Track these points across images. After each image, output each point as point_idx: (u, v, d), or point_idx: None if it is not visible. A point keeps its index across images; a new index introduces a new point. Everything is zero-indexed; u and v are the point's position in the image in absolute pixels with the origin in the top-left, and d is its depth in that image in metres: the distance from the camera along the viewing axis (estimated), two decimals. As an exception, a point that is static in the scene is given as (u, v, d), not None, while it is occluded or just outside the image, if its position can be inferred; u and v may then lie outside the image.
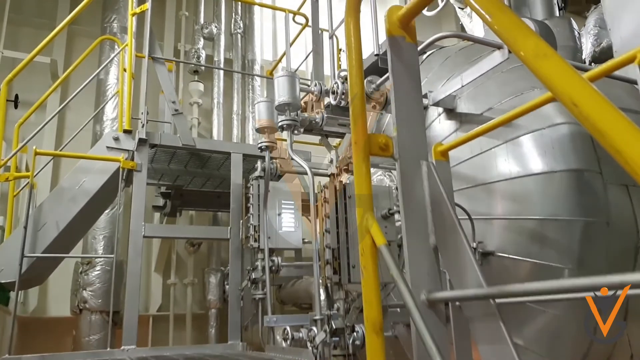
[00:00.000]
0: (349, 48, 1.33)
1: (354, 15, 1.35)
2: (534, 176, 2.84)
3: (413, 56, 1.46)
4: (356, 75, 1.29)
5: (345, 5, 1.34)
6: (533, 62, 0.72)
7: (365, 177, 1.24)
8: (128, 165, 4.26)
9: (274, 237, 4.25)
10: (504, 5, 0.87)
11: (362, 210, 1.23)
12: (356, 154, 1.25)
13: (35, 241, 4.06)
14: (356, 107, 1.29)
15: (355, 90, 1.28)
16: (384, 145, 1.32)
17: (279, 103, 3.54)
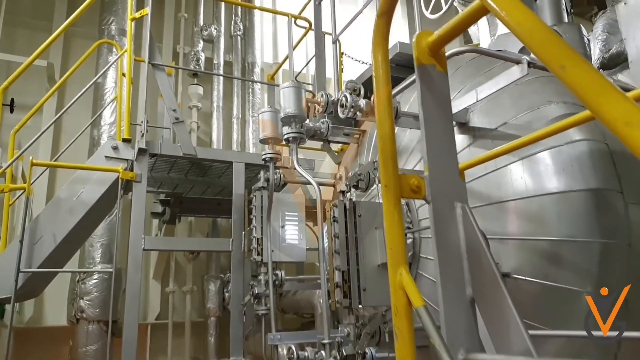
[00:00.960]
0: (377, 81, 1.22)
1: (383, 45, 1.23)
2: (552, 195, 2.74)
3: (444, 86, 1.35)
4: (385, 113, 1.17)
5: (373, 34, 1.23)
6: (622, 129, 0.61)
7: (398, 225, 1.13)
8: (127, 176, 4.13)
9: (277, 249, 4.14)
10: (579, 56, 0.76)
11: (395, 263, 1.12)
12: (387, 198, 1.13)
13: (31, 255, 3.93)
14: (386, 146, 1.17)
15: (384, 128, 1.17)
16: (416, 188, 1.20)
17: (285, 115, 3.42)
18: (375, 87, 1.22)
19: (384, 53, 1.24)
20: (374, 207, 2.88)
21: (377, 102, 1.22)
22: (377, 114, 1.21)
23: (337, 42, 5.47)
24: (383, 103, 1.20)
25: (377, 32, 1.23)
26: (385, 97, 1.20)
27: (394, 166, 1.17)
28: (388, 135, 1.18)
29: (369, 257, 2.75)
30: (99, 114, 5.85)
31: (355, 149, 4.30)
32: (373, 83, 1.25)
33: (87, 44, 7.22)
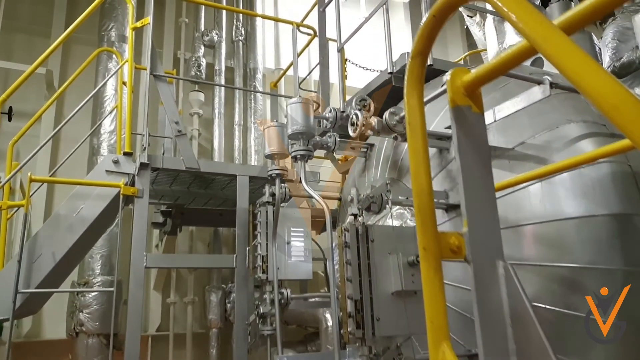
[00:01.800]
0: (412, 130, 1.10)
1: (418, 89, 1.12)
2: (572, 220, 2.63)
3: (481, 130, 1.24)
4: (421, 166, 1.06)
5: (407, 77, 1.11)
6: None
7: (439, 294, 1.01)
8: (129, 191, 4.02)
9: (282, 267, 4.02)
10: None
11: (437, 339, 1.00)
12: (426, 263, 1.02)
13: (29, 274, 3.81)
14: (423, 204, 1.06)
15: (421, 183, 1.06)
16: (457, 248, 1.09)
17: (293, 132, 3.31)
18: (410, 136, 1.11)
19: (419, 98, 1.12)
20: (387, 231, 2.77)
21: (412, 154, 1.10)
22: (413, 167, 1.10)
23: (342, 51, 5.36)
24: (419, 155, 1.08)
25: (411, 75, 1.12)
26: (421, 148, 1.09)
27: (433, 226, 1.06)
28: (426, 191, 1.07)
29: (383, 285, 2.64)
30: (98, 124, 5.72)
31: (362, 163, 4.18)
32: (406, 130, 1.14)
33: (86, 50, 7.11)
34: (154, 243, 6.93)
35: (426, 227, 1.04)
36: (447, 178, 3.11)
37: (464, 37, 10.89)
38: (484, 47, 7.51)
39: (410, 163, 1.11)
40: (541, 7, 5.34)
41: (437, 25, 1.07)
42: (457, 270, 2.93)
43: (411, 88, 1.11)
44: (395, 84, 4.45)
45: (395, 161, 3.64)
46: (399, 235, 2.78)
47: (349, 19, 6.34)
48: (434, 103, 3.64)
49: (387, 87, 4.72)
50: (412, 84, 1.12)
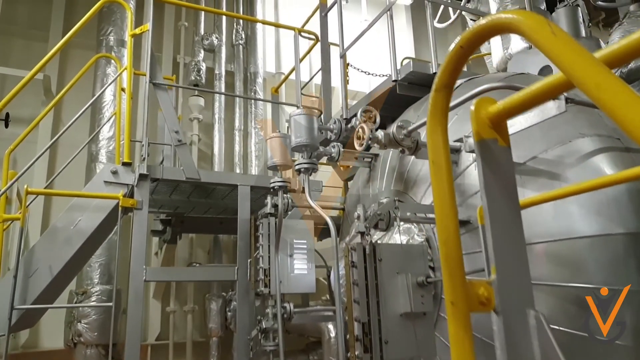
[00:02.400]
0: (436, 170, 1.01)
1: (442, 124, 1.03)
2: (587, 239, 2.54)
3: (509, 164, 1.15)
4: (448, 212, 0.97)
5: (430, 111, 1.02)
6: None
7: (469, 356, 0.92)
8: (128, 203, 3.92)
9: (285, 281, 3.93)
10: None
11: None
12: (455, 319, 0.93)
13: (26, 288, 3.72)
14: (451, 254, 0.97)
15: (448, 232, 0.96)
16: (486, 300, 1.00)
17: (297, 144, 3.22)
18: (435, 177, 1.02)
19: (444, 133, 1.03)
20: (396, 249, 2.68)
21: (437, 196, 1.01)
22: (438, 211, 1.00)
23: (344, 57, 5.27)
24: (445, 199, 0.99)
25: (435, 109, 1.02)
26: (447, 191, 1.00)
27: (461, 277, 0.96)
28: (453, 239, 0.97)
29: (391, 306, 2.55)
30: (97, 132, 5.63)
31: (367, 173, 4.09)
32: (430, 170, 1.05)
33: (85, 55, 7.02)
34: (154, 250, 6.84)
35: (454, 279, 0.95)
36: (456, 192, 3.02)
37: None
38: (487, 51, 7.43)
39: (435, 206, 1.02)
40: (547, 12, 5.26)
41: (464, 57, 0.98)
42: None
43: (435, 123, 1.02)
44: (400, 92, 4.36)
45: (401, 173, 3.55)
46: (408, 254, 2.69)
47: (350, 21, 6.25)
48: (440, 113, 3.56)
49: (384, 93, 4.65)
50: (435, 119, 1.02)
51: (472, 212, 2.89)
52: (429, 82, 4.29)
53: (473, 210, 2.89)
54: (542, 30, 0.79)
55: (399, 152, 3.54)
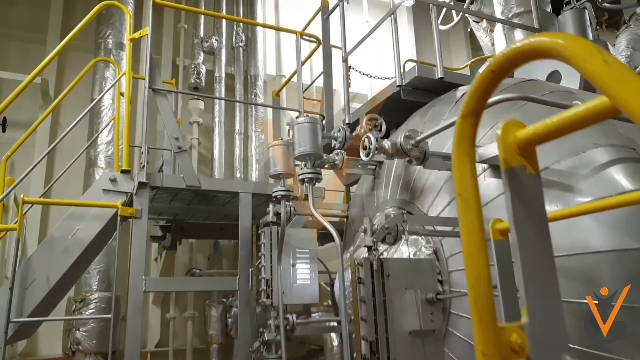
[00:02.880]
0: (464, 205, 0.92)
1: (469, 155, 0.94)
2: (602, 254, 2.45)
3: (538, 194, 1.06)
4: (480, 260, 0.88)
5: (456, 140, 0.93)
6: None
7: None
8: (127, 212, 3.83)
9: (288, 291, 3.84)
10: None
11: None
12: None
13: (22, 300, 3.62)
14: (481, 299, 0.88)
15: (477, 275, 0.88)
16: (519, 348, 0.91)
17: (300, 153, 3.13)
18: (463, 213, 0.93)
19: (472, 165, 0.94)
20: (404, 264, 2.59)
21: (465, 235, 0.92)
22: (466, 252, 0.91)
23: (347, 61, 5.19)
24: (474, 238, 0.90)
25: (462, 138, 0.93)
26: (477, 230, 0.91)
27: (493, 325, 0.88)
28: (483, 282, 0.89)
29: (399, 323, 2.46)
30: (95, 137, 5.54)
31: (371, 181, 4.01)
32: (457, 204, 0.96)
33: (83, 58, 6.92)
34: (153, 256, 6.75)
35: (485, 327, 0.86)
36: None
37: (467, 40, 10.68)
38: (491, 53, 7.33)
39: (463, 245, 0.93)
40: (553, 15, 5.17)
41: (495, 82, 0.89)
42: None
43: (461, 154, 0.93)
44: (405, 97, 4.27)
45: (407, 182, 3.46)
46: (416, 269, 2.61)
47: (351, 23, 6.12)
48: (447, 119, 3.46)
49: (387, 98, 4.58)
50: (462, 149, 0.93)
51: (482, 224, 2.80)
52: (434, 87, 4.23)
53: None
54: (593, 58, 0.70)
55: (404, 161, 3.46)
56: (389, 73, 8.09)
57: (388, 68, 8.56)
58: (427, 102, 4.21)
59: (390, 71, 8.17)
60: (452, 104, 3.52)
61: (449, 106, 3.52)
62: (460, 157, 0.95)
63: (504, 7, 5.39)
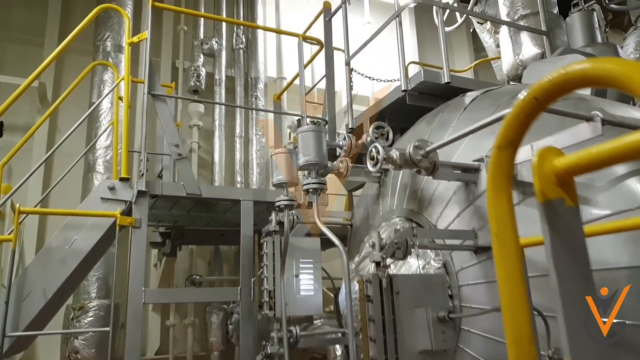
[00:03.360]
0: (500, 244, 0.82)
1: (506, 190, 0.84)
2: (620, 270, 2.35)
3: (578, 228, 0.96)
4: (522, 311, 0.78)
5: (492, 172, 0.83)
6: None
7: None
8: (125, 222, 3.72)
9: (291, 302, 3.73)
10: None
11: None
12: None
13: (18, 313, 3.52)
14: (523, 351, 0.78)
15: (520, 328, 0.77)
16: (564, 410, 0.81)
17: (305, 163, 3.02)
18: (499, 254, 0.83)
19: (509, 201, 0.84)
20: (414, 281, 2.49)
21: (503, 283, 0.82)
22: (505, 300, 0.81)
23: (349, 65, 5.08)
24: (515, 286, 0.80)
25: (499, 171, 0.83)
26: (518, 276, 0.81)
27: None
28: (526, 340, 0.78)
29: (410, 343, 2.36)
30: (93, 142, 5.44)
31: (376, 189, 3.90)
32: (493, 246, 0.85)
33: (81, 60, 6.82)
34: (153, 262, 6.64)
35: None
36: (476, 215, 2.83)
37: (470, 40, 10.57)
38: (495, 54, 7.22)
39: (501, 295, 0.83)
40: (560, 17, 5.07)
41: (537, 110, 0.79)
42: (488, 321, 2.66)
43: (498, 189, 0.83)
44: (410, 102, 4.17)
45: (414, 191, 3.35)
46: (427, 285, 2.51)
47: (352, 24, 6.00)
48: (456, 126, 3.36)
49: (384, 106, 4.50)
50: (499, 183, 0.83)
51: (494, 237, 2.70)
52: (440, 92, 4.12)
53: (494, 235, 2.70)
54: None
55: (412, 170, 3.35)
56: (391, 74, 7.99)
57: (389, 69, 8.47)
58: (432, 107, 4.11)
59: (391, 73, 8.09)
60: (460, 110, 3.41)
61: (457, 113, 3.41)
62: (496, 193, 0.85)
63: (510, 8, 5.28)
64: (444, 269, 2.85)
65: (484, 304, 2.70)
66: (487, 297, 2.69)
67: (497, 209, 0.83)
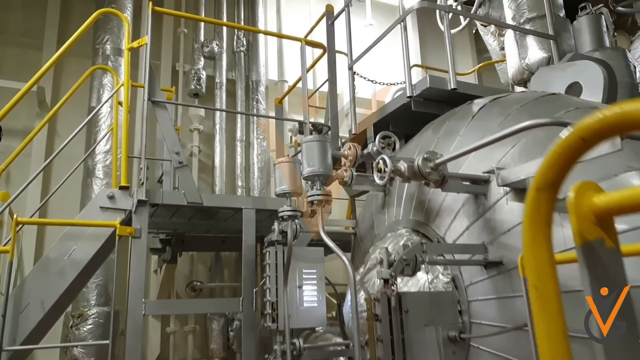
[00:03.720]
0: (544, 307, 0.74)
1: (546, 236, 0.76)
2: (639, 287, 2.26)
3: (619, 270, 0.88)
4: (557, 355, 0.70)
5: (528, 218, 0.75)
6: None
7: None
8: (125, 232, 3.64)
9: (294, 314, 3.65)
10: None
11: None
12: None
13: (16, 326, 3.43)
14: None
15: None
16: None
17: (309, 174, 2.94)
18: (539, 310, 0.74)
19: (549, 249, 0.76)
20: (423, 298, 2.41)
21: (541, 340, 0.74)
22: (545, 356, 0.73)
23: (352, 69, 5.00)
24: (556, 346, 0.72)
25: (537, 216, 0.75)
26: (560, 335, 0.72)
27: None
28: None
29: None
30: (93, 148, 5.35)
31: (381, 198, 3.82)
32: (531, 298, 0.77)
33: (80, 63, 6.74)
34: (153, 268, 6.56)
35: None
36: (485, 228, 2.75)
37: (472, 42, 10.48)
38: (499, 57, 7.14)
39: (540, 350, 0.75)
40: (567, 20, 4.98)
41: (583, 151, 0.71)
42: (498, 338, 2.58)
43: (537, 235, 0.75)
44: (415, 109, 4.09)
45: (421, 201, 3.27)
46: (436, 303, 2.42)
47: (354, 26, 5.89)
48: (464, 135, 3.28)
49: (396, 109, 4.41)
50: (537, 229, 0.75)
51: (504, 252, 2.62)
52: (446, 98, 4.04)
53: (505, 249, 2.62)
54: None
55: (419, 180, 3.27)
56: (391, 75, 7.91)
57: (390, 70, 8.38)
58: (437, 113, 4.03)
59: (392, 74, 8.00)
60: (468, 118, 3.33)
61: (465, 121, 3.33)
62: (535, 239, 0.76)
63: (515, 11, 5.19)
64: (453, 283, 2.77)
65: (494, 320, 2.62)
66: (497, 313, 2.61)
67: (537, 258, 0.75)
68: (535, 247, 0.76)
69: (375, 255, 3.15)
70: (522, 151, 2.75)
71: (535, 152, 2.62)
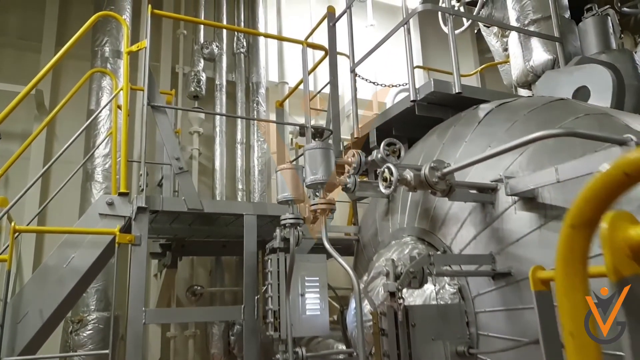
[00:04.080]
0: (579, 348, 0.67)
1: (582, 278, 0.70)
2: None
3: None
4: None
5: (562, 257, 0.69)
6: None
7: None
8: (125, 239, 3.58)
9: (296, 322, 3.60)
10: None
11: None
12: None
13: (14, 336, 3.38)
14: None
15: None
16: None
17: (312, 182, 2.88)
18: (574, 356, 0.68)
19: (585, 290, 0.70)
20: (430, 312, 2.34)
21: None
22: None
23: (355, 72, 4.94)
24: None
25: (572, 255, 0.69)
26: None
27: None
28: None
29: None
30: (91, 153, 5.29)
31: (385, 204, 3.76)
32: (567, 346, 0.71)
33: (79, 66, 6.68)
34: (153, 272, 6.50)
35: None
36: (493, 238, 2.69)
37: (474, 42, 10.41)
38: (501, 58, 7.07)
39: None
40: (572, 21, 4.92)
41: (625, 188, 0.65)
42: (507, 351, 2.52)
43: (572, 275, 0.69)
44: (419, 113, 4.03)
45: (426, 209, 3.21)
46: (444, 316, 2.37)
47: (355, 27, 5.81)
48: (470, 141, 3.22)
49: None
50: (572, 269, 0.69)
51: (512, 262, 2.56)
52: (450, 102, 3.98)
53: (513, 260, 2.56)
54: None
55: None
56: (392, 76, 7.84)
57: (390, 71, 8.32)
58: (441, 117, 3.97)
59: (393, 74, 7.94)
60: (474, 124, 3.26)
61: (471, 127, 3.26)
62: (569, 280, 0.70)
63: (520, 13, 5.11)
64: (460, 294, 2.71)
65: (502, 332, 2.57)
66: (505, 325, 2.55)
67: (571, 299, 0.69)
68: (570, 288, 0.70)
69: (379, 263, 3.10)
70: (530, 159, 2.69)
71: (544, 161, 2.56)
